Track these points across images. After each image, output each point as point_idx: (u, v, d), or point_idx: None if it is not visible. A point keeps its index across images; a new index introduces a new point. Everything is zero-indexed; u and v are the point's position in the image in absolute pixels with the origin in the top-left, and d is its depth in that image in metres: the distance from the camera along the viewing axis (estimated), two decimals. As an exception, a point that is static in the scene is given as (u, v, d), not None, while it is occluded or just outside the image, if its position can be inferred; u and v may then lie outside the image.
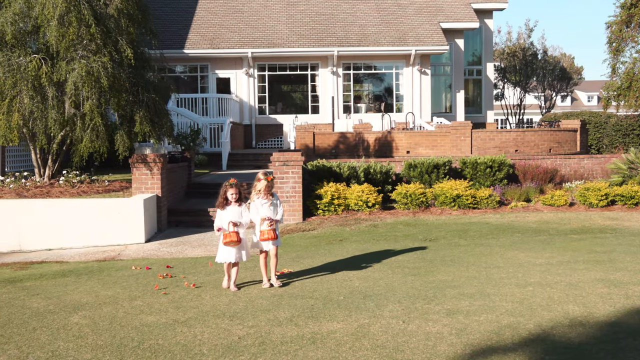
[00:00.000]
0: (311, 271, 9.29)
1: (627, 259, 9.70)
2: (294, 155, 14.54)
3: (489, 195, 15.34)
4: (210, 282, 8.74)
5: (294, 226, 13.61)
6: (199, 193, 16.25)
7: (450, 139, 20.89)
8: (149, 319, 6.95)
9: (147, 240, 12.49)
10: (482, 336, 6.19)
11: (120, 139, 13.91)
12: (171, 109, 20.23)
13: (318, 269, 9.40)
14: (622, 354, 5.65)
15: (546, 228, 12.83)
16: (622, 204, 15.39)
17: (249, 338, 6.26)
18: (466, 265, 9.43)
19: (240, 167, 21.47)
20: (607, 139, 26.18)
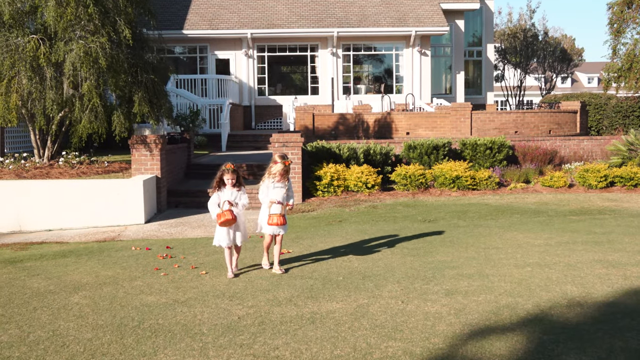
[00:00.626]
0: (310, 252, 9.32)
1: (626, 240, 9.73)
2: (294, 136, 14.52)
3: (488, 177, 15.35)
4: (209, 262, 8.76)
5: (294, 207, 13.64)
6: (198, 174, 16.25)
7: (450, 120, 20.85)
8: (149, 299, 6.98)
9: (147, 221, 12.51)
10: (481, 316, 6.22)
11: (117, 119, 13.86)
12: (170, 90, 20.18)
13: (317, 250, 9.43)
14: (619, 333, 5.68)
15: (545, 209, 12.85)
16: (621, 186, 15.40)
17: (249, 318, 6.29)
18: (465, 246, 9.46)
19: (240, 148, 21.45)
20: (607, 121, 26.13)
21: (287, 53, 27.08)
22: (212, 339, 5.70)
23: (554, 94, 37.93)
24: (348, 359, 5.20)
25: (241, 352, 5.39)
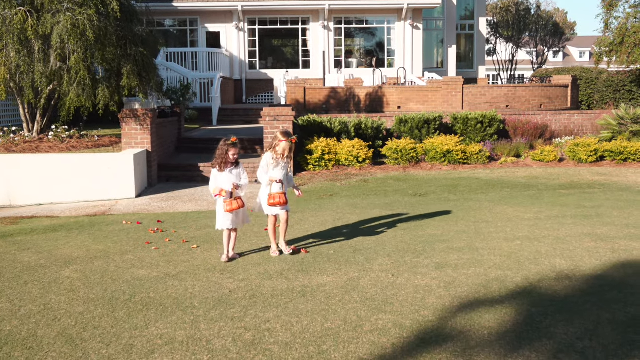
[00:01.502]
0: (301, 225, 9.34)
1: (615, 214, 9.80)
2: (285, 110, 14.47)
3: (479, 151, 15.38)
4: (201, 236, 8.78)
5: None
6: (189, 148, 16.20)
7: (442, 94, 20.81)
8: (141, 273, 7.00)
9: (138, 195, 12.49)
10: (470, 289, 6.28)
11: (102, 92, 13.72)
12: (160, 64, 20.03)
13: (308, 224, 9.45)
14: (606, 306, 5.75)
15: (535, 183, 12.91)
16: (610, 160, 15.47)
17: (240, 291, 6.32)
18: (455, 220, 9.51)
19: (231, 122, 21.37)
20: (598, 95, 26.16)
21: (278, 26, 26.86)
22: (204, 312, 5.73)
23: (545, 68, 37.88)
24: (338, 331, 5.25)
25: (232, 325, 5.42)
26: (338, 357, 4.78)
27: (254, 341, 5.08)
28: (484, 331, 5.21)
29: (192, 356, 4.82)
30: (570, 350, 4.84)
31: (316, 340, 5.09)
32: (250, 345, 5.01)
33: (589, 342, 4.98)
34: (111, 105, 13.98)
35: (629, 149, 15.32)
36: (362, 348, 4.92)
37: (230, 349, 4.94)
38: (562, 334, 5.15)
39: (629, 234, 8.42)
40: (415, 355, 4.78)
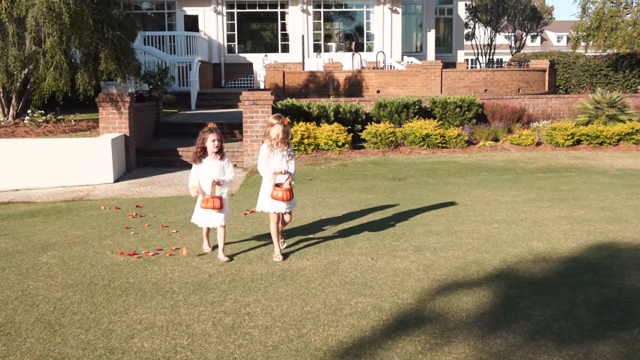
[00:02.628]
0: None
1: (591, 197, 9.92)
2: (264, 94, 14.41)
3: (457, 135, 15.45)
4: (180, 221, 8.74)
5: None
6: (168, 132, 16.09)
7: (421, 78, 20.84)
8: (119, 258, 6.97)
9: (116, 180, 12.40)
10: (449, 272, 6.33)
11: (80, 77, 13.56)
12: (138, 47, 19.80)
13: (288, 208, 9.45)
14: (582, 287, 5.83)
15: (513, 167, 13.01)
16: (587, 144, 15.62)
17: (219, 276, 6.32)
18: (434, 204, 9.56)
19: (210, 106, 21.25)
20: (575, 79, 26.36)
21: (257, 10, 26.67)
22: (183, 297, 5.73)
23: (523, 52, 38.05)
24: (318, 315, 5.28)
25: (212, 309, 5.43)
26: (318, 340, 4.81)
27: (233, 325, 5.09)
28: (462, 313, 5.27)
29: (172, 340, 4.82)
30: (546, 331, 4.91)
31: (296, 323, 5.11)
32: (230, 329, 5.02)
33: (565, 322, 5.06)
34: (89, 89, 13.82)
35: (605, 133, 15.48)
36: (342, 331, 4.95)
37: (210, 333, 4.95)
38: (539, 315, 5.22)
39: (605, 217, 8.53)
40: (394, 337, 4.82)
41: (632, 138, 15.58)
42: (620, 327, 4.97)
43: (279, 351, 4.63)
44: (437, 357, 4.50)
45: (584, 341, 4.73)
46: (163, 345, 4.75)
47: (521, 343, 4.71)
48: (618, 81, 25.31)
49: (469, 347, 4.66)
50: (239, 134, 15.41)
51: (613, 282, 5.95)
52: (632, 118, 16.28)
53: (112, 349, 4.69)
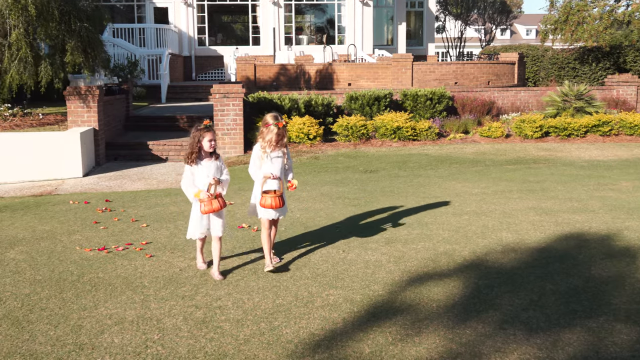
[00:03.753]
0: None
1: (559, 188, 10.06)
2: (235, 87, 14.34)
3: (428, 127, 15.54)
4: (150, 215, 8.68)
5: (235, 159, 13.56)
6: (138, 126, 15.94)
7: (392, 71, 20.90)
8: (89, 253, 6.89)
9: (85, 175, 12.25)
10: (419, 263, 6.38)
11: (44, 70, 13.31)
12: (107, 40, 19.55)
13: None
14: (550, 277, 5.92)
15: (483, 159, 13.14)
16: (555, 135, 15.83)
17: (190, 270, 6.29)
18: (405, 196, 9.62)
19: (180, 99, 21.08)
20: (544, 72, 26.67)
21: (227, 2, 26.48)
22: (154, 292, 5.69)
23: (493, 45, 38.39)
24: (290, 307, 5.28)
25: (183, 303, 5.40)
26: (289, 332, 4.81)
27: (205, 319, 5.07)
28: (433, 304, 5.31)
29: (142, 335, 4.79)
30: (515, 320, 4.98)
31: (267, 316, 5.11)
32: (201, 323, 5.00)
33: (533, 312, 5.13)
34: (56, 82, 13.59)
35: (573, 125, 15.70)
36: (314, 323, 4.97)
37: (181, 327, 4.93)
38: (508, 305, 5.29)
39: (572, 207, 8.67)
40: (366, 329, 4.85)
41: (598, 130, 15.83)
42: (587, 315, 5.06)
43: (251, 344, 4.63)
44: (408, 348, 4.54)
45: (552, 330, 4.81)
46: (133, 340, 4.72)
47: (490, 333, 4.78)
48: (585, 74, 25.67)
49: (439, 337, 4.70)
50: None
51: (580, 272, 6.05)
52: (599, 110, 16.53)
53: (81, 345, 4.65)
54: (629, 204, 8.86)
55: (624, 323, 4.91)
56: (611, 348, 4.51)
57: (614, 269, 6.14)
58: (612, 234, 7.35)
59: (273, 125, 6.16)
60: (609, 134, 15.89)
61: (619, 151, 14.11)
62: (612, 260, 6.38)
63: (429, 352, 4.47)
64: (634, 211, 8.43)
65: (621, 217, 8.09)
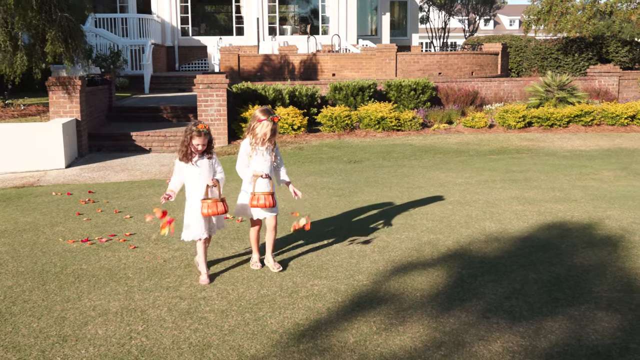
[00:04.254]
0: (236, 194, 9.27)
1: (542, 178, 10.13)
2: (218, 77, 14.27)
3: (412, 118, 15.57)
4: (134, 206, 8.64)
5: (219, 149, 13.52)
6: (121, 117, 15.83)
7: (376, 61, 20.90)
8: (72, 245, 6.85)
9: (68, 166, 12.16)
10: (404, 253, 6.41)
11: (19, 60, 13.14)
12: (89, 30, 19.38)
13: (244, 192, 9.41)
14: (532, 266, 5.98)
15: (466, 149, 13.19)
16: (538, 126, 15.92)
17: (175, 261, 6.28)
18: (389, 186, 9.65)
19: (163, 90, 20.95)
20: (527, 63, 26.78)
21: (210, -8, 26.33)
22: (138, 283, 5.68)
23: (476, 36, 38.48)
24: (274, 297, 5.29)
25: (167, 294, 5.39)
26: (274, 322, 4.82)
27: (189, 310, 5.07)
28: (417, 293, 5.34)
29: (126, 326, 4.78)
30: (498, 309, 5.02)
31: (252, 307, 5.12)
32: (185, 314, 5.00)
33: (516, 300, 5.18)
34: (35, 72, 13.44)
35: (555, 115, 15.80)
36: (298, 313, 4.98)
37: (166, 318, 4.92)
38: (491, 293, 5.33)
39: (554, 197, 8.74)
40: (350, 318, 4.87)
41: (580, 120, 15.94)
42: (568, 303, 5.11)
43: (235, 335, 4.63)
44: (392, 337, 4.56)
45: (534, 318, 4.85)
46: (118, 331, 4.71)
47: (474, 321, 4.81)
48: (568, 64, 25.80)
49: (423, 326, 4.73)
50: (193, 117, 15.24)
51: (562, 261, 6.11)
52: (581, 100, 16.64)
53: (65, 337, 4.63)
54: (611, 194, 8.95)
55: (605, 311, 4.97)
56: (593, 336, 4.56)
57: (596, 257, 6.21)
58: (594, 223, 7.42)
59: (268, 120, 5.77)
60: (591, 124, 16.01)
61: (600, 141, 14.23)
62: (593, 249, 6.45)
63: (412, 341, 4.50)
64: (615, 200, 8.51)
65: (603, 206, 8.17)
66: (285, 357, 4.29)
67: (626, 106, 16.11)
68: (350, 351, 4.36)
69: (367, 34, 29.41)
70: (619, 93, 18.63)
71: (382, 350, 4.37)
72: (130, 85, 20.48)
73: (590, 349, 4.37)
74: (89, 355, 4.35)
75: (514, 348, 4.39)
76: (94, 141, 13.73)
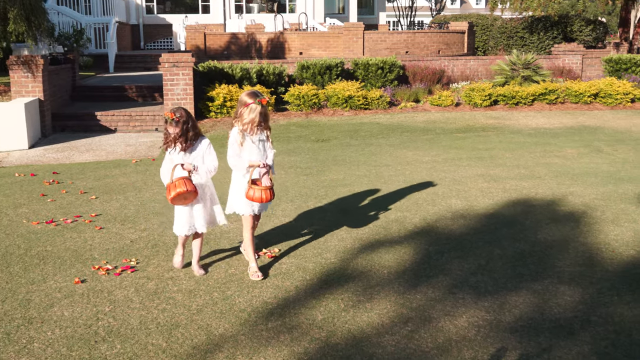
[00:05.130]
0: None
1: (507, 156, 10.25)
2: (184, 56, 14.09)
3: (379, 96, 15.60)
4: (99, 187, 8.54)
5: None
6: (85, 96, 15.56)
7: (343, 40, 20.84)
8: (36, 226, 6.76)
9: (31, 146, 11.95)
10: (371, 230, 6.45)
11: None
12: (50, 7, 18.98)
13: (211, 172, 9.36)
14: (497, 242, 6.07)
15: (433, 127, 13.27)
16: (504, 104, 16.07)
17: (141, 241, 6.23)
18: (357, 165, 9.68)
19: (129, 69, 20.64)
20: (493, 41, 26.94)
21: (175, -31, 25.91)
22: (104, 264, 5.63)
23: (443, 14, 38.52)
24: (242, 277, 5.29)
25: (134, 275, 5.36)
26: (242, 301, 4.83)
27: (157, 290, 5.05)
28: (384, 270, 5.39)
29: (93, 308, 4.75)
30: (464, 284, 5.10)
31: (220, 286, 5.12)
32: (153, 294, 4.98)
33: (481, 276, 5.26)
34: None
35: (520, 93, 15.95)
36: (266, 292, 4.99)
37: (133, 299, 4.90)
38: (457, 270, 5.41)
39: (519, 174, 8.86)
40: (318, 296, 4.90)
41: (545, 98, 16.13)
42: (532, 278, 5.21)
43: (203, 314, 4.63)
44: (360, 314, 4.61)
45: (499, 293, 4.94)
46: (84, 312, 4.67)
47: (440, 297, 4.88)
48: (533, 43, 26.02)
49: (391, 302, 4.78)
50: (159, 97, 15.07)
51: (526, 237, 6.21)
52: (546, 79, 16.82)
53: (30, 319, 4.58)
54: (574, 170, 9.10)
55: (567, 285, 5.07)
56: (555, 309, 4.66)
57: (559, 233, 6.32)
58: (557, 199, 7.55)
59: (255, 103, 5.19)
60: (555, 102, 16.21)
61: (564, 119, 14.43)
62: (557, 225, 6.57)
63: (380, 318, 4.55)
64: (578, 177, 8.66)
65: (566, 183, 8.31)
66: (253, 336, 4.31)
67: (589, 84, 16.34)
68: (319, 328, 4.40)
69: (334, 12, 29.28)
70: (582, 71, 18.88)
71: (350, 327, 4.41)
72: (94, 64, 20.13)
73: (553, 322, 4.47)
74: (55, 336, 4.32)
75: (479, 322, 4.47)
76: (57, 121, 13.50)
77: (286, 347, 4.16)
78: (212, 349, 4.15)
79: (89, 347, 4.17)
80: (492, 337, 4.27)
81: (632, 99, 16.33)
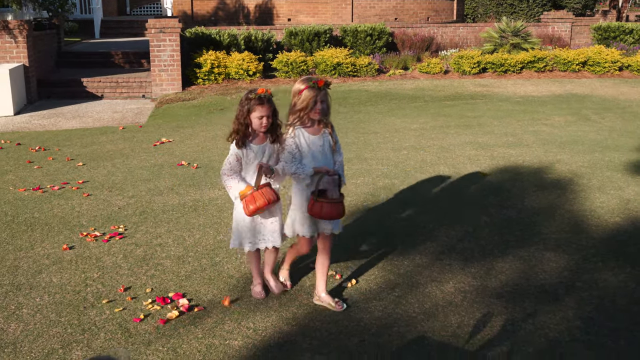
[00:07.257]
0: (191, 140, 9.21)
1: (495, 123, 10.27)
2: (171, 21, 13.92)
3: (368, 63, 15.52)
4: (87, 153, 8.49)
5: (173, 96, 13.30)
6: (71, 62, 15.38)
7: (332, 6, 20.65)
8: (23, 193, 6.73)
9: (17, 113, 11.83)
10: (359, 198, 6.47)
11: None
12: (33, -29, 18.59)
13: (198, 138, 9.34)
14: (485, 209, 6.11)
15: (422, 95, 13.25)
16: (492, 72, 16.04)
17: (130, 208, 6.22)
18: (345, 132, 9.66)
19: (115, 35, 20.38)
20: (482, 8, 26.79)
21: None
22: (92, 231, 5.62)
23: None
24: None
25: (123, 242, 5.36)
26: (231, 268, 4.85)
27: (145, 257, 5.06)
28: (372, 237, 5.42)
29: (81, 274, 4.75)
30: (451, 251, 5.14)
31: (209, 252, 5.13)
32: (141, 260, 4.99)
33: (468, 243, 5.30)
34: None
35: (509, 61, 15.92)
36: (255, 258, 5.00)
37: (122, 265, 4.91)
38: (444, 236, 5.45)
39: (507, 142, 8.88)
40: (306, 263, 4.92)
41: (534, 66, 16.11)
42: (518, 245, 5.26)
43: (192, 280, 4.65)
44: (347, 280, 4.64)
45: (486, 259, 4.99)
46: (73, 279, 4.68)
47: (427, 263, 4.92)
48: (522, 10, 25.91)
49: (378, 269, 4.82)
50: (146, 63, 14.91)
51: (513, 204, 6.25)
52: (535, 47, 16.78)
53: (18, 285, 4.58)
54: (561, 138, 9.14)
55: (553, 252, 5.13)
56: (540, 275, 4.72)
57: (546, 200, 6.37)
58: (545, 167, 7.59)
59: (311, 87, 4.07)
60: (543, 70, 16.20)
61: (552, 87, 14.44)
62: (543, 192, 6.62)
63: (367, 284, 4.58)
64: (565, 145, 8.70)
65: (553, 151, 8.35)
66: (242, 301, 4.34)
67: (578, 52, 16.32)
68: (307, 294, 4.43)
69: (323, -23, 28.92)
70: (571, 39, 18.84)
71: (338, 293, 4.45)
72: (79, 30, 19.86)
73: (538, 288, 4.52)
74: (44, 302, 4.33)
75: (466, 288, 4.52)
76: (43, 88, 13.36)
77: (274, 313, 4.19)
78: (201, 314, 4.17)
79: (78, 313, 4.19)
80: (478, 302, 4.32)
81: (620, 67, 16.33)
